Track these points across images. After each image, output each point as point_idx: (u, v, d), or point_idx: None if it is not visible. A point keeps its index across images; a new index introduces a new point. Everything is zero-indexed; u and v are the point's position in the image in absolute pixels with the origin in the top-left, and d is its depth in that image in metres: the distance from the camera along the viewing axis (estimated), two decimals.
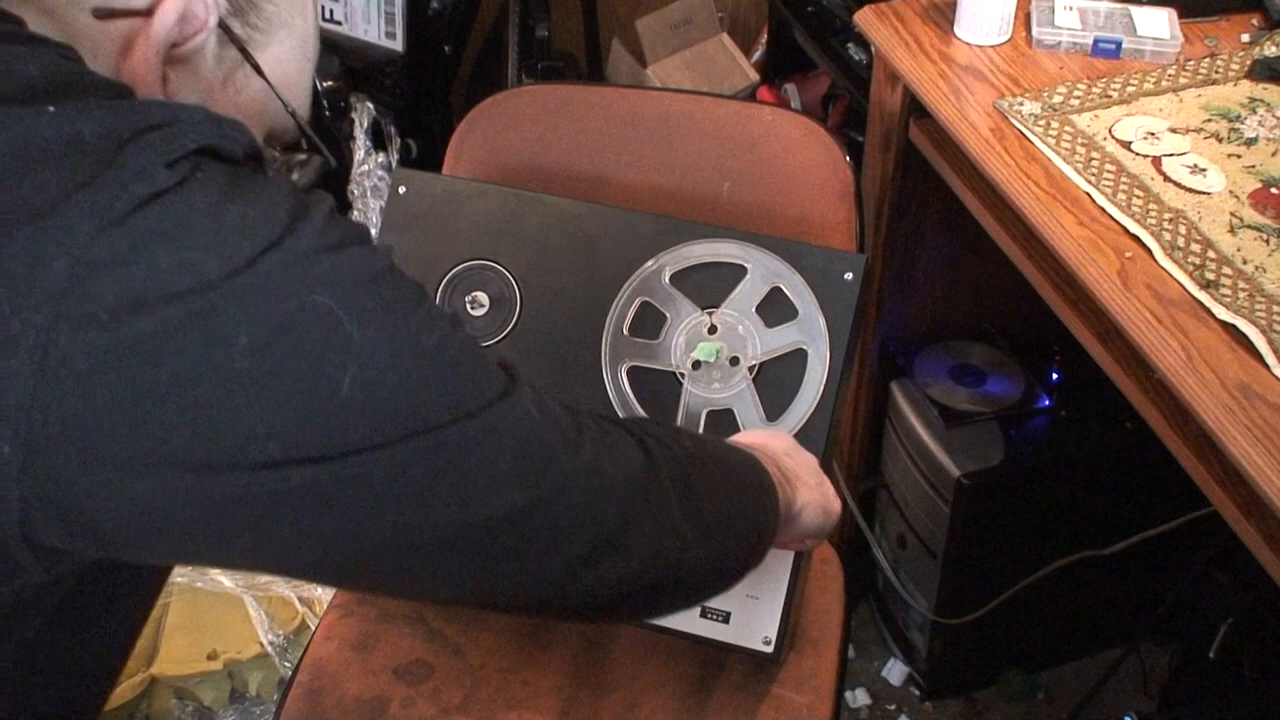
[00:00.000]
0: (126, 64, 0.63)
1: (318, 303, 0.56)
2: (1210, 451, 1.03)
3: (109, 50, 0.63)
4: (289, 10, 0.70)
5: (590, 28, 2.38)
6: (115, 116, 0.55)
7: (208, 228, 0.54)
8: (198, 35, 0.64)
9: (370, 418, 0.57)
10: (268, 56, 0.69)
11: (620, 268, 1.14)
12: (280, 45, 0.70)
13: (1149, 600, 1.73)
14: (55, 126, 0.54)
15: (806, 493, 0.93)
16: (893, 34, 1.38)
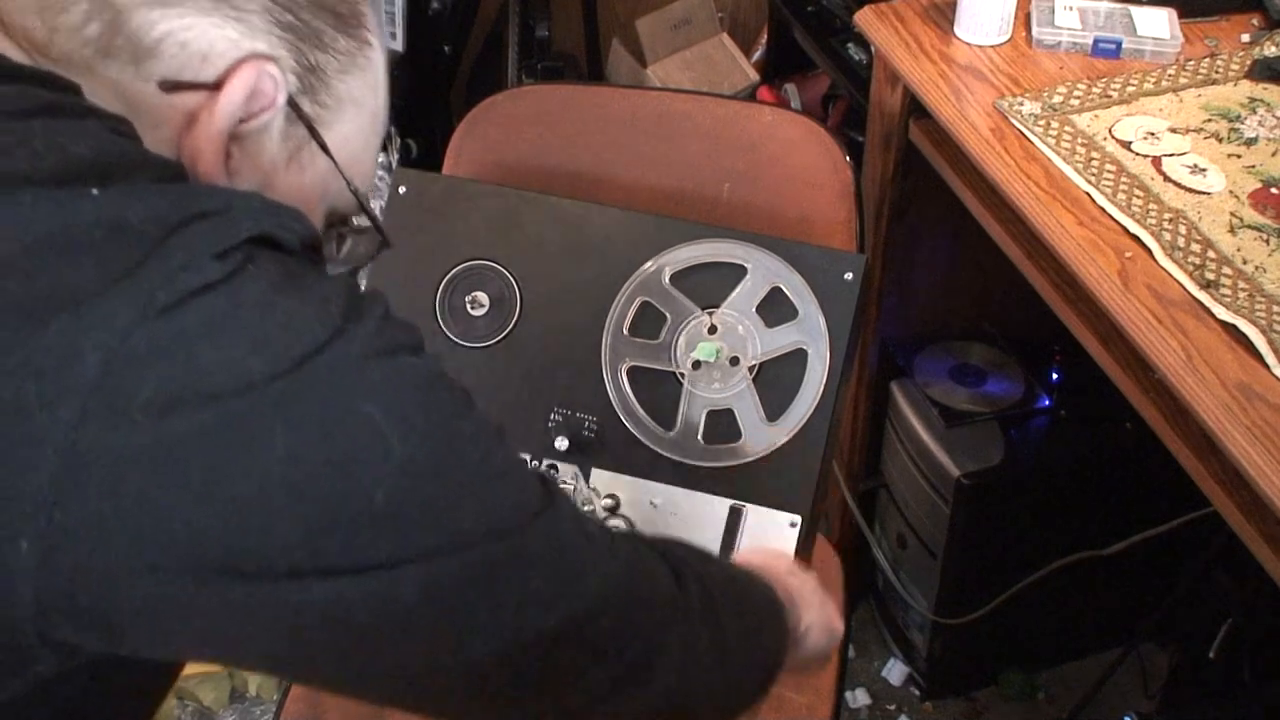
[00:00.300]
0: (189, 139, 0.61)
1: (362, 412, 0.53)
2: (1210, 451, 1.03)
3: (172, 124, 0.61)
4: (360, 87, 0.67)
5: (590, 28, 2.38)
6: (164, 201, 0.53)
7: (255, 325, 0.52)
8: (265, 112, 0.62)
9: (402, 532, 0.54)
10: (335, 134, 0.66)
11: (620, 268, 1.14)
12: (349, 122, 0.67)
13: (1149, 600, 1.73)
14: (99, 210, 0.51)
15: (811, 613, 0.91)
16: (893, 34, 1.38)
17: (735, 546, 1.07)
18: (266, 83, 0.61)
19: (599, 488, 1.11)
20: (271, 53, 0.61)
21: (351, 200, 0.70)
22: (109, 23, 0.58)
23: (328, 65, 0.64)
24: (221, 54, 0.60)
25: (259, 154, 0.64)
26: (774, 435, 1.08)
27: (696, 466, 1.09)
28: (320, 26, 0.63)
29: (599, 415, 1.12)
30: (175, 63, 0.59)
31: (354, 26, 0.65)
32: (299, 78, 0.63)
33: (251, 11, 0.60)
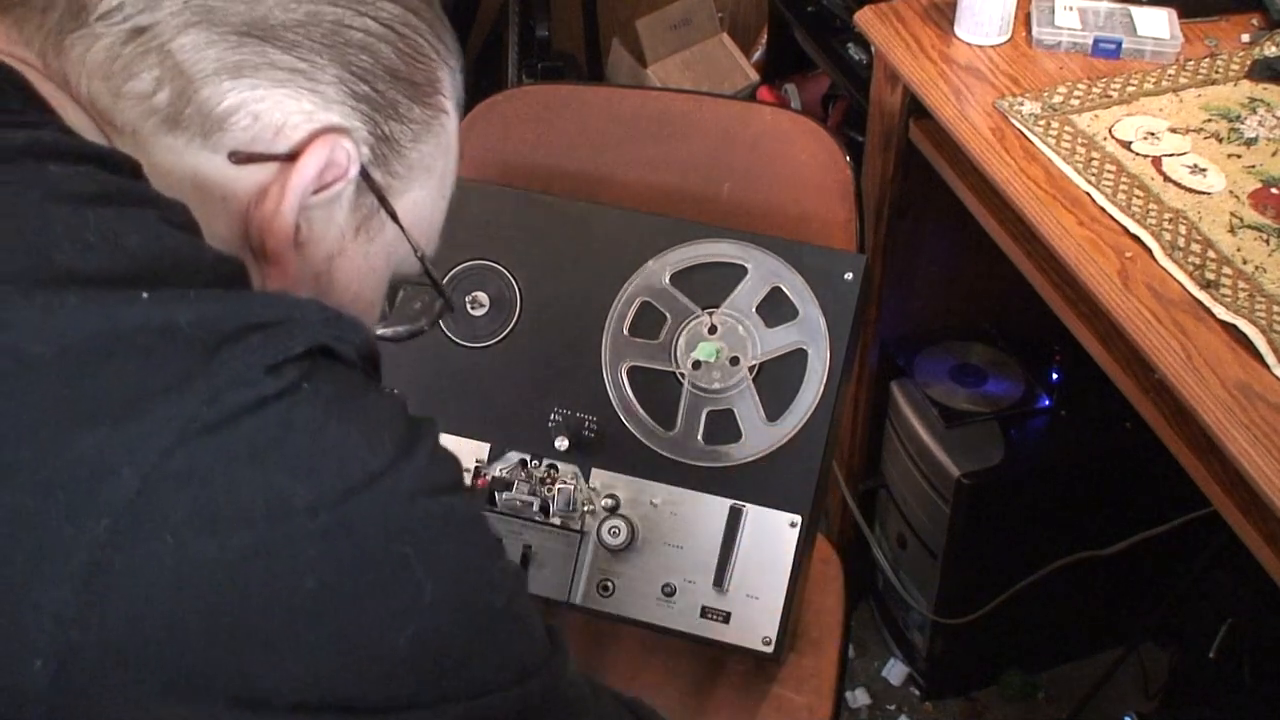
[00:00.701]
0: (258, 211, 0.59)
1: (398, 553, 0.51)
2: (1210, 452, 1.03)
3: (241, 197, 0.59)
4: (433, 154, 0.66)
5: (590, 28, 2.38)
6: (219, 308, 0.50)
7: (303, 451, 0.49)
8: (337, 184, 0.60)
9: (422, 675, 0.53)
10: (404, 200, 0.65)
11: (620, 268, 1.14)
12: (419, 189, 0.66)
13: (1149, 600, 1.73)
14: (148, 314, 0.48)
15: None
16: (893, 34, 1.38)
17: (735, 546, 1.07)
18: (340, 155, 0.59)
19: (599, 488, 1.11)
20: (346, 124, 0.60)
21: (416, 265, 0.68)
22: (179, 92, 0.56)
23: (401, 135, 0.63)
24: (295, 126, 0.58)
25: (328, 225, 0.62)
26: (774, 435, 1.08)
27: (696, 466, 1.09)
28: (396, 97, 0.62)
29: (599, 415, 1.12)
30: (247, 135, 0.58)
31: (430, 94, 0.64)
32: (372, 148, 0.61)
33: (326, 83, 0.59)
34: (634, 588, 1.09)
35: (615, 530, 1.08)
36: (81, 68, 0.56)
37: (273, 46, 0.57)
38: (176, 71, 0.56)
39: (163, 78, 0.56)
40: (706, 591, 1.07)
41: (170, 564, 0.47)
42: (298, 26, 0.58)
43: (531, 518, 1.11)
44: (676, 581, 1.08)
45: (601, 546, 1.09)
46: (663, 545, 1.08)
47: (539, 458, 1.12)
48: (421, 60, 0.63)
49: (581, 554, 1.10)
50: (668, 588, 1.08)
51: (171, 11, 0.56)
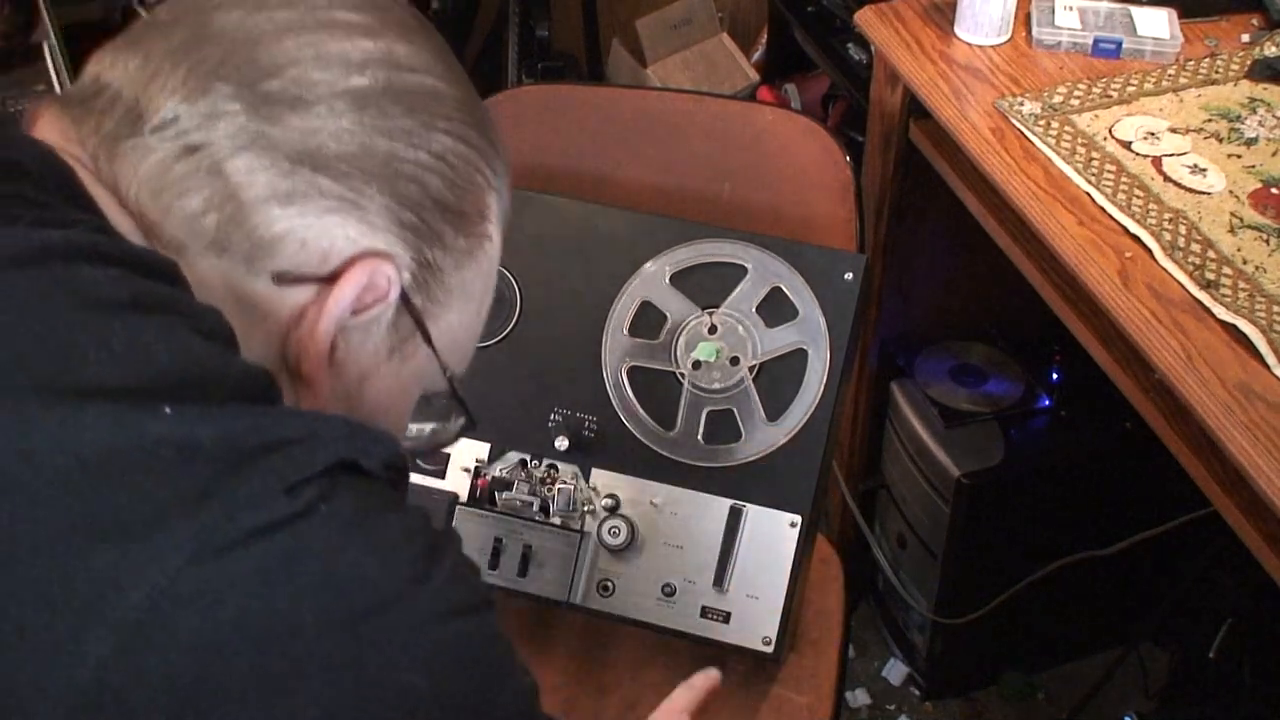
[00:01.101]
0: (297, 331, 0.58)
1: (408, 683, 0.50)
2: (1210, 452, 1.03)
3: (281, 316, 0.58)
4: (474, 279, 0.65)
5: (590, 28, 2.38)
6: (241, 424, 0.49)
7: (315, 575, 0.48)
8: (375, 306, 0.59)
9: None
10: (441, 324, 0.64)
11: (620, 268, 1.14)
12: (457, 313, 0.65)
13: (1149, 600, 1.73)
14: (169, 430, 0.47)
15: None
16: (893, 34, 1.38)
17: (735, 546, 1.07)
18: (380, 279, 0.59)
19: (599, 488, 1.11)
20: (389, 250, 0.59)
21: (444, 383, 0.67)
22: (229, 216, 0.56)
23: (444, 262, 0.62)
24: (339, 251, 0.58)
25: (364, 345, 0.61)
26: (774, 435, 1.08)
27: (696, 466, 1.09)
28: (442, 227, 0.61)
29: (599, 415, 1.12)
30: (292, 260, 0.57)
31: (476, 223, 0.64)
32: (413, 274, 0.61)
33: (374, 211, 0.58)
34: (634, 588, 1.09)
35: (615, 530, 1.08)
36: (133, 177, 0.56)
37: (324, 176, 0.57)
38: (227, 194, 0.56)
39: (213, 199, 0.56)
40: (706, 591, 1.07)
41: (168, 686, 0.46)
42: (350, 158, 0.57)
43: (531, 518, 1.11)
44: (676, 581, 1.08)
45: (601, 546, 1.09)
46: (663, 545, 1.09)
47: (539, 458, 1.12)
48: (470, 189, 0.63)
49: (581, 554, 1.10)
50: (668, 588, 1.08)
51: (226, 133, 0.56)
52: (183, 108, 0.56)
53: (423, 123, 0.60)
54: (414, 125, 0.59)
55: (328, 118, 0.57)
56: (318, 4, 0.60)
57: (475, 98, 0.64)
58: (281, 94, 0.56)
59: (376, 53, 0.59)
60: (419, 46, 0.61)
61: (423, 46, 0.62)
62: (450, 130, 0.61)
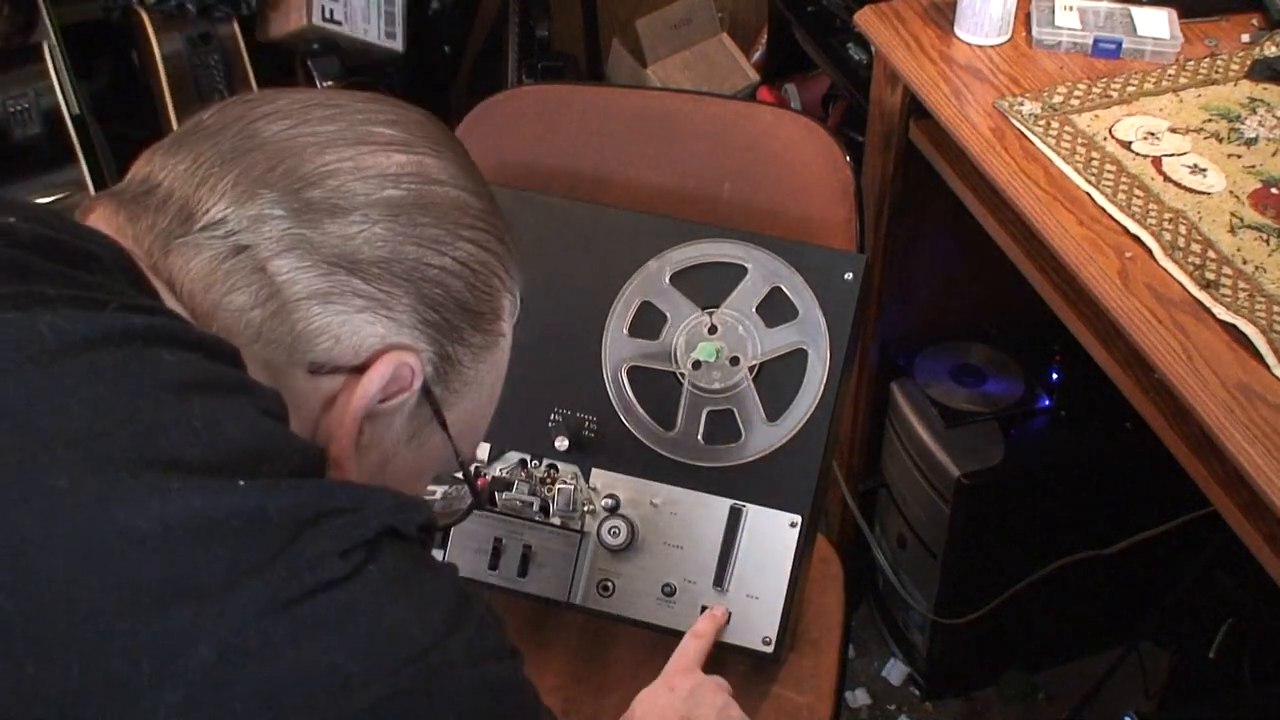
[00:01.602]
0: (327, 417, 0.64)
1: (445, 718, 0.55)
2: (1210, 452, 1.03)
3: (313, 403, 0.63)
4: (488, 371, 0.71)
5: (590, 28, 2.38)
6: (302, 495, 0.55)
7: (364, 629, 0.53)
8: (399, 395, 0.65)
9: None
10: (456, 412, 0.69)
11: (620, 268, 1.14)
12: (471, 401, 0.71)
13: (1149, 600, 1.73)
14: (242, 501, 0.53)
15: None
16: (893, 34, 1.38)
17: (735, 546, 1.07)
18: (405, 371, 0.64)
19: (599, 488, 1.11)
20: (413, 344, 0.64)
21: (456, 466, 0.73)
22: (273, 312, 0.61)
23: (463, 356, 0.68)
24: (369, 346, 0.63)
25: (387, 431, 0.66)
26: (774, 435, 1.08)
27: (696, 466, 1.09)
28: (461, 325, 0.67)
29: (599, 415, 1.12)
30: (327, 354, 0.62)
31: (492, 321, 0.70)
32: (435, 366, 0.66)
33: (401, 310, 0.63)
34: (634, 588, 1.09)
35: (615, 530, 1.08)
36: (185, 271, 0.61)
37: (358, 278, 0.62)
38: (272, 291, 0.61)
39: (258, 295, 0.61)
40: (706, 591, 1.07)
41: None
42: (382, 262, 0.63)
43: (531, 518, 1.11)
44: (676, 581, 1.08)
45: (601, 546, 1.09)
46: (663, 545, 1.09)
47: (539, 458, 1.12)
48: (489, 292, 0.68)
49: (581, 554, 1.10)
50: (668, 588, 1.08)
51: (271, 236, 0.61)
52: (231, 210, 0.61)
53: (449, 231, 0.65)
54: (441, 234, 0.65)
55: (363, 225, 0.62)
56: (357, 119, 0.65)
57: (495, 206, 0.70)
58: (322, 202, 0.62)
59: (410, 166, 0.65)
60: (448, 160, 0.67)
61: (451, 160, 0.67)
62: (474, 239, 0.66)
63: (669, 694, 0.98)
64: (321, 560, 0.53)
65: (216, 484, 0.53)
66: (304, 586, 0.52)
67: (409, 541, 0.58)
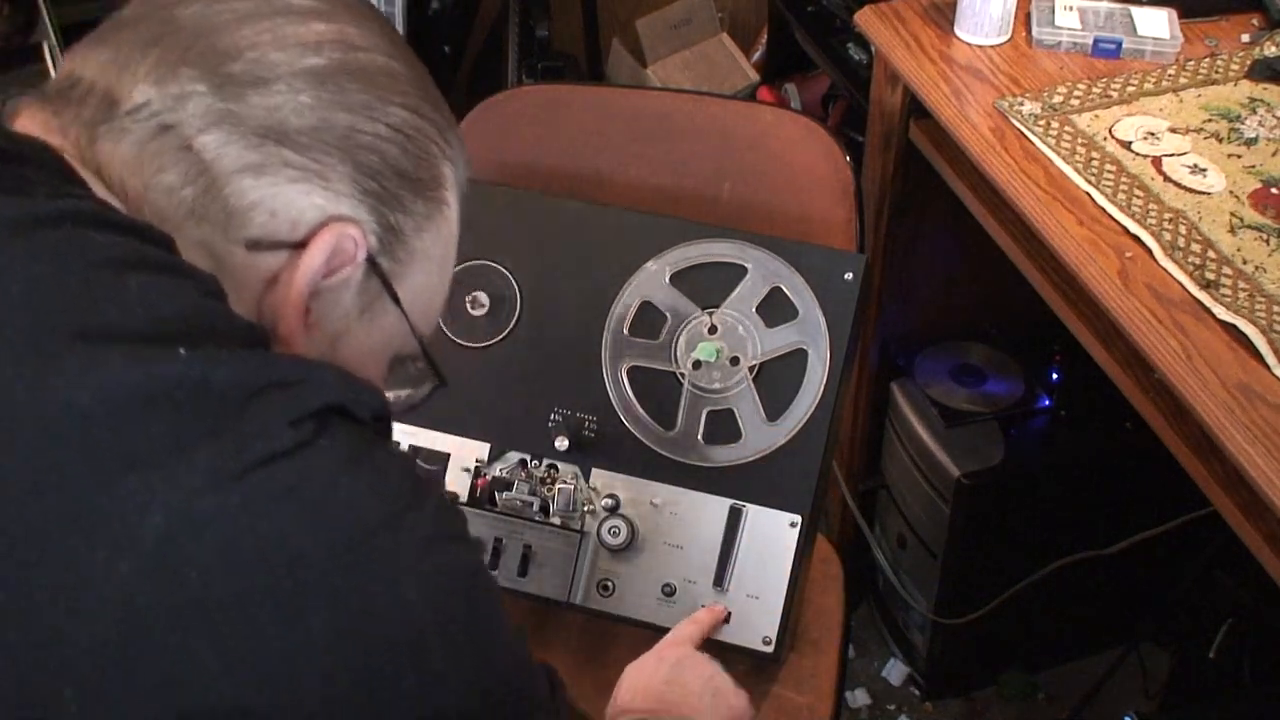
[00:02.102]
0: (271, 296, 0.63)
1: (406, 601, 0.55)
2: (1210, 452, 1.03)
3: (255, 282, 0.63)
4: (434, 242, 0.70)
5: (590, 28, 2.38)
6: (247, 367, 0.54)
7: (317, 501, 0.53)
8: (344, 269, 0.64)
9: (428, 715, 0.56)
10: (407, 286, 0.68)
11: (620, 268, 1.14)
12: (421, 275, 0.69)
13: (1149, 600, 1.73)
14: (184, 371, 0.52)
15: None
16: (893, 34, 1.38)
17: (735, 546, 1.07)
18: (347, 243, 0.63)
19: (599, 488, 1.11)
20: (354, 215, 0.64)
21: (415, 344, 0.72)
22: (205, 189, 0.61)
23: (406, 226, 0.66)
24: (308, 219, 0.62)
25: (335, 308, 0.66)
26: (774, 435, 1.08)
27: (696, 466, 1.09)
28: (401, 192, 0.65)
29: (599, 415, 1.12)
30: (264, 229, 0.62)
31: (433, 189, 0.68)
32: (378, 237, 0.65)
33: (337, 180, 0.63)
34: (634, 588, 1.09)
35: (615, 530, 1.08)
36: (114, 158, 0.61)
37: (288, 149, 0.61)
38: (201, 168, 0.60)
39: (188, 173, 0.60)
40: (706, 591, 1.07)
41: (192, 602, 0.50)
42: (311, 131, 0.62)
43: (531, 518, 1.11)
44: (676, 581, 1.08)
45: (601, 546, 1.09)
46: (663, 545, 1.09)
47: (539, 458, 1.12)
48: (426, 159, 0.67)
49: (581, 554, 1.10)
50: (668, 588, 1.08)
51: (195, 113, 0.60)
52: (153, 92, 0.61)
53: (378, 97, 0.64)
54: (370, 99, 0.64)
55: (288, 94, 0.61)
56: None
57: (426, 76, 0.68)
58: (244, 75, 0.61)
59: (331, 34, 0.64)
60: (369, 29, 0.66)
61: (372, 29, 0.66)
62: (405, 104, 0.65)
63: (657, 663, 0.99)
64: (270, 430, 0.53)
65: (157, 355, 0.53)
66: (254, 457, 0.52)
67: (361, 425, 0.57)
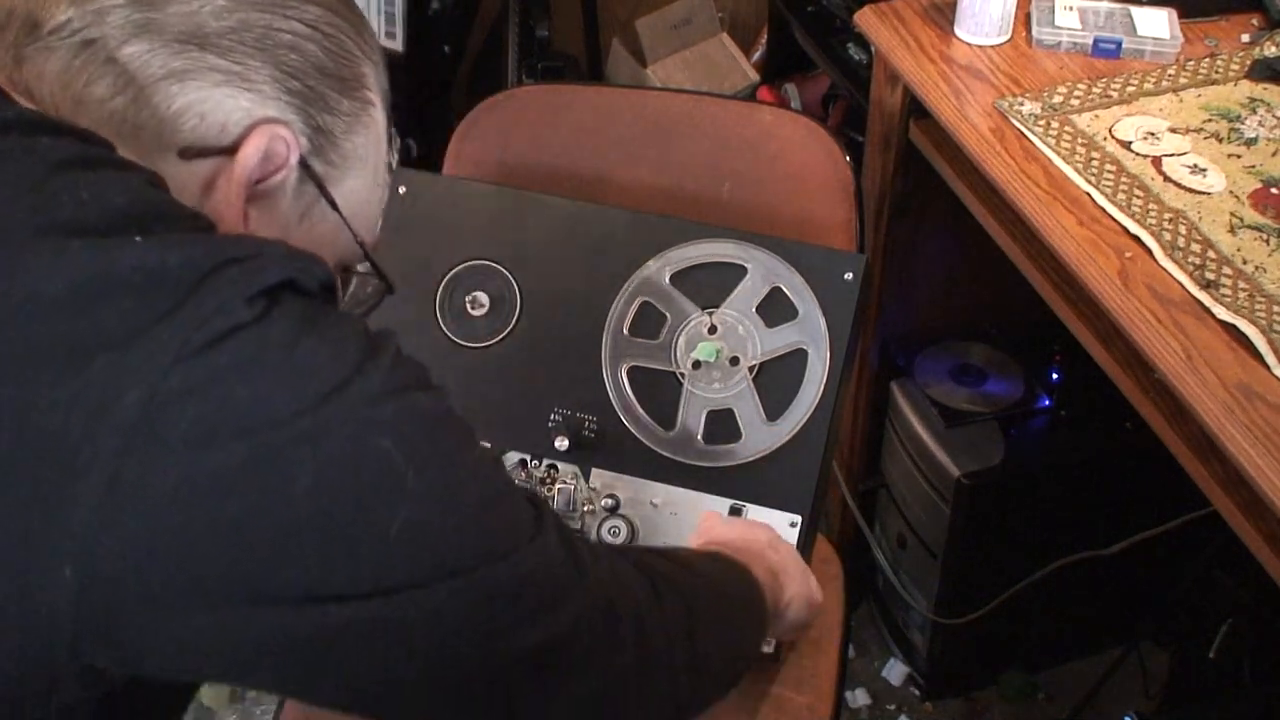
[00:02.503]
0: (209, 202, 0.65)
1: (379, 446, 0.57)
2: (1210, 452, 1.03)
3: (191, 189, 0.64)
4: (365, 145, 0.71)
5: (590, 28, 2.38)
6: (200, 249, 0.57)
7: (281, 364, 0.56)
8: (279, 173, 0.66)
9: (413, 559, 0.58)
10: (342, 189, 0.70)
11: (620, 268, 1.14)
12: (355, 179, 0.71)
13: (1149, 600, 1.73)
14: (139, 257, 0.55)
15: (793, 586, 0.96)
16: (893, 34, 1.38)
17: None
18: (279, 145, 0.65)
19: (599, 488, 1.11)
20: (282, 117, 0.66)
21: (358, 250, 0.74)
22: (133, 98, 0.62)
23: (334, 126, 0.68)
24: (236, 122, 0.64)
25: (273, 212, 0.68)
26: (774, 435, 1.08)
27: (696, 466, 1.09)
28: (325, 91, 0.67)
29: (599, 415, 1.12)
30: (194, 134, 0.64)
31: (356, 89, 0.70)
32: (309, 139, 0.67)
33: (262, 81, 0.65)
34: None
35: (615, 530, 1.08)
36: (42, 79, 0.63)
37: (210, 52, 0.63)
38: (128, 79, 0.62)
39: (116, 84, 0.62)
40: None
41: (179, 474, 0.53)
42: (230, 33, 0.64)
43: None
44: None
45: None
46: (663, 545, 1.08)
47: (539, 458, 1.12)
48: (346, 57, 0.69)
49: None
50: None
51: (116, 25, 0.62)
52: (73, 10, 0.62)
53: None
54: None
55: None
56: None
57: None
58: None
59: None
60: None
61: None
62: (319, 1, 0.67)
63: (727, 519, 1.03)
64: (227, 305, 0.55)
65: (114, 243, 0.55)
66: (215, 330, 0.54)
67: (311, 297, 0.60)
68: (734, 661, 0.86)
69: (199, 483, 0.53)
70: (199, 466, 0.53)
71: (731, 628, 0.85)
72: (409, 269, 1.17)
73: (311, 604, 0.56)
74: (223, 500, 0.54)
